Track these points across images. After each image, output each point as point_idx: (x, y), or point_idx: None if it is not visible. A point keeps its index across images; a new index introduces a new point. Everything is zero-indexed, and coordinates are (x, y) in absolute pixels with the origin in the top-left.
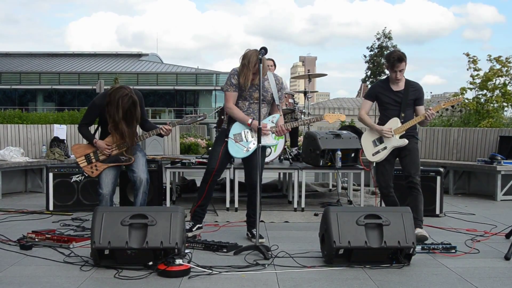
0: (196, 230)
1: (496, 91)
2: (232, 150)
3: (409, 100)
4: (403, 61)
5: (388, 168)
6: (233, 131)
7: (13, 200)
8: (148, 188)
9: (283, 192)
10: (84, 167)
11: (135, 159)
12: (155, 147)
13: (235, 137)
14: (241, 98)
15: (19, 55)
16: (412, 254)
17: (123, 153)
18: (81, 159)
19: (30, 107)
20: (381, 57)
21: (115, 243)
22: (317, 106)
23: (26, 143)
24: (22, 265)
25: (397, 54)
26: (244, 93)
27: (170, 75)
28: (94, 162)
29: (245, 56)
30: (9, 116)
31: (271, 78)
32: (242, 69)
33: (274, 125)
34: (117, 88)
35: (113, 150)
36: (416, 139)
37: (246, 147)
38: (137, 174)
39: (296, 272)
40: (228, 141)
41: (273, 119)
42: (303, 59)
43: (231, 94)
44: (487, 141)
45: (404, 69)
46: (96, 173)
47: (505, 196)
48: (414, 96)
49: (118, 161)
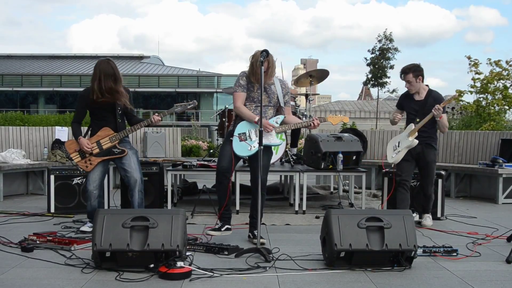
0: (225, 231)
1: (497, 94)
2: (236, 148)
3: (427, 108)
4: (406, 73)
5: (406, 165)
6: (238, 130)
7: (14, 202)
8: (143, 187)
9: (284, 195)
10: (79, 162)
11: (126, 158)
12: (157, 150)
13: (240, 136)
14: (248, 100)
15: (20, 57)
16: (414, 257)
17: (116, 146)
18: (75, 154)
19: (31, 109)
20: (383, 60)
21: (116, 246)
22: (318, 108)
23: (27, 145)
24: (23, 267)
25: (402, 69)
26: (253, 93)
27: (172, 78)
28: (88, 157)
29: (254, 56)
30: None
31: (277, 83)
32: (251, 68)
33: (278, 125)
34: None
35: (106, 144)
36: (434, 149)
37: (250, 146)
38: (131, 174)
39: (297, 275)
40: (233, 139)
41: (277, 120)
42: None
43: (240, 94)
44: (489, 144)
45: (411, 80)
46: (91, 167)
47: (506, 199)
48: (433, 104)
49: (111, 154)
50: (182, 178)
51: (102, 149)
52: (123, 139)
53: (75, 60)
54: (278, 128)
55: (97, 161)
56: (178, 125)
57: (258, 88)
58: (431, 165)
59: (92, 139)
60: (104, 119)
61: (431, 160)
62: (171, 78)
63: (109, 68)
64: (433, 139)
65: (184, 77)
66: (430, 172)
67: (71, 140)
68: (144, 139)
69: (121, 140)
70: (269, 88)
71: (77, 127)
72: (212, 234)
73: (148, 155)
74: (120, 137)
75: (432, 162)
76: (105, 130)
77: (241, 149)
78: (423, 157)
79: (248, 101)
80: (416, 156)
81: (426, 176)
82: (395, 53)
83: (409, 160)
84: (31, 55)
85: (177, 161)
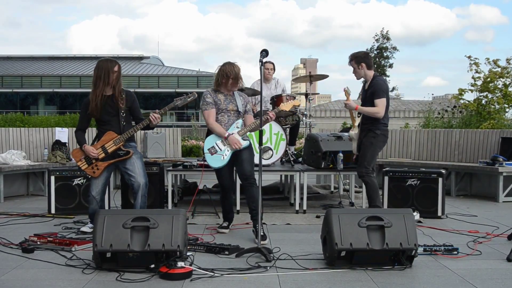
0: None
1: (497, 92)
2: (211, 162)
3: (367, 97)
4: (349, 61)
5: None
6: (206, 146)
7: (15, 203)
8: (147, 191)
9: (285, 194)
10: (86, 168)
11: (131, 162)
12: (157, 150)
13: (210, 151)
14: (219, 112)
15: (20, 58)
16: (414, 256)
17: (121, 148)
18: (82, 162)
19: (31, 111)
20: (381, 59)
21: (117, 246)
22: (318, 108)
23: (28, 147)
24: (24, 268)
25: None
26: (221, 105)
27: (171, 78)
28: (94, 162)
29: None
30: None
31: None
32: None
33: (240, 129)
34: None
35: (110, 147)
36: (373, 133)
37: (222, 155)
38: (135, 178)
39: (298, 274)
40: (205, 156)
41: (237, 125)
42: (304, 61)
43: (210, 111)
44: (489, 143)
45: (353, 67)
46: (98, 173)
47: (507, 198)
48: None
49: (117, 157)
50: (182, 178)
51: (107, 153)
52: (129, 143)
53: (75, 61)
54: (241, 131)
55: (103, 166)
56: (178, 125)
57: (225, 100)
58: (365, 145)
59: (97, 145)
60: (108, 123)
61: (366, 141)
62: (171, 78)
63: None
64: (374, 125)
65: (184, 78)
66: (362, 152)
67: (77, 148)
68: (144, 139)
69: (127, 143)
70: (232, 97)
71: (81, 135)
72: (223, 232)
73: (149, 155)
74: (124, 138)
75: (366, 142)
76: (109, 134)
77: (216, 161)
78: (362, 140)
79: (219, 113)
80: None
81: (359, 156)
82: (393, 52)
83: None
84: (31, 56)
85: (177, 161)
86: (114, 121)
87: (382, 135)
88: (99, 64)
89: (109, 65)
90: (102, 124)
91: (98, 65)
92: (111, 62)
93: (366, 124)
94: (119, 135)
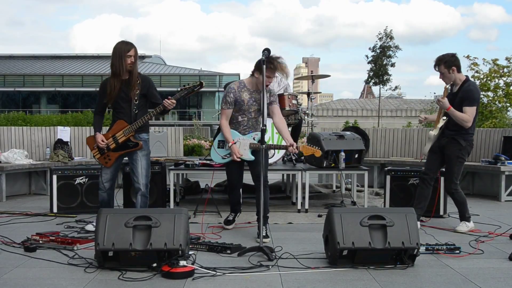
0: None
1: (498, 91)
2: (213, 153)
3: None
4: (438, 65)
5: (430, 158)
6: (218, 137)
7: (17, 202)
8: (148, 192)
9: (287, 194)
10: (99, 158)
11: (136, 160)
12: (159, 149)
13: (218, 143)
14: (241, 113)
15: (22, 57)
16: (416, 255)
17: (130, 139)
18: (95, 151)
19: (33, 109)
20: (384, 58)
21: (119, 245)
22: (320, 107)
23: (30, 145)
24: (26, 267)
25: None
26: (244, 106)
27: (173, 77)
28: (107, 152)
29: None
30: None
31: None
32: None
33: (255, 142)
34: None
35: (121, 138)
36: (458, 144)
37: (222, 155)
38: (137, 178)
39: (300, 273)
40: (212, 145)
41: (255, 136)
42: (306, 60)
43: (226, 111)
44: (491, 142)
45: (442, 72)
46: (110, 163)
47: (509, 197)
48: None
49: (127, 148)
50: (184, 178)
51: (118, 143)
52: (139, 134)
53: (77, 60)
54: (254, 144)
55: (115, 156)
56: (180, 124)
57: (249, 100)
58: (450, 159)
59: (108, 133)
60: (120, 111)
61: (452, 154)
62: (172, 77)
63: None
64: (460, 133)
65: (185, 76)
66: (448, 167)
67: (91, 136)
68: None
69: (137, 134)
70: (257, 96)
71: (97, 121)
72: (227, 228)
73: (150, 154)
74: (134, 128)
75: (452, 156)
76: (119, 124)
77: (216, 156)
78: (445, 151)
79: (241, 114)
80: (442, 149)
81: (445, 171)
82: (396, 51)
83: (436, 152)
84: (33, 55)
85: (179, 161)
86: (127, 109)
87: (468, 146)
88: (114, 48)
89: (123, 48)
90: (115, 110)
91: (113, 49)
92: (126, 45)
93: (450, 131)
94: (129, 125)
